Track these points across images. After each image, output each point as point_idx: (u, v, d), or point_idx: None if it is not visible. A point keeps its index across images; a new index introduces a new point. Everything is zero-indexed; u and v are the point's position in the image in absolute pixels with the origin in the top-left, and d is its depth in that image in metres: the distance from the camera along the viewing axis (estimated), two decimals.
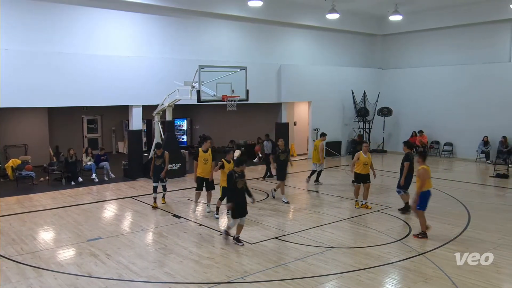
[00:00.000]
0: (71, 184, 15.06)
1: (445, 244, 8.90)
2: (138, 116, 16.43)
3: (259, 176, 16.44)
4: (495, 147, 19.24)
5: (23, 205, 12.40)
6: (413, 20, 21.76)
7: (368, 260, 8.05)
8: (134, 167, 16.33)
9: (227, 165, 10.53)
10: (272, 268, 7.72)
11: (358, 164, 11.70)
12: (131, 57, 15.88)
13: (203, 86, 13.62)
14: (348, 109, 22.47)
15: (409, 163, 11.06)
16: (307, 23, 20.58)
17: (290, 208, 12.04)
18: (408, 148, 11.64)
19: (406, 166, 11.05)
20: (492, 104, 19.64)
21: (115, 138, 23.56)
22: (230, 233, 9.05)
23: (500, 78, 19.51)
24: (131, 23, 16.09)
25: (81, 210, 11.85)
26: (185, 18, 17.24)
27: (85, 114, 22.23)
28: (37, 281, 7.27)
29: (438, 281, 7.17)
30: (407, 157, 11.17)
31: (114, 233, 9.79)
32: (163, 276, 7.47)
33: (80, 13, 14.94)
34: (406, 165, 11.04)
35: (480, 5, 19.58)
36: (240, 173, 8.89)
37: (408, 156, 11.21)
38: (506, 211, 11.56)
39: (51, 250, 8.74)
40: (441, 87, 21.48)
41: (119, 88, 15.51)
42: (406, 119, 22.77)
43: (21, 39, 13.86)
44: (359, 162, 11.65)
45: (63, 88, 14.38)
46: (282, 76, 19.92)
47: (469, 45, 20.81)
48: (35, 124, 19.02)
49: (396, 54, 23.84)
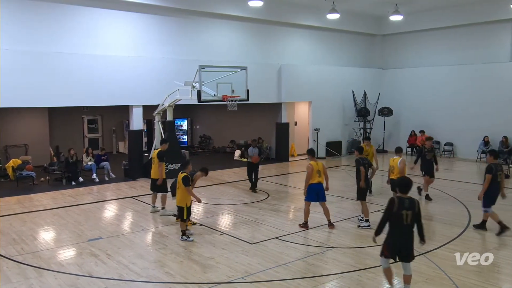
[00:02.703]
0: (72, 184, 15.06)
1: (446, 244, 8.90)
2: (139, 116, 16.44)
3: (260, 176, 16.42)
4: (495, 147, 19.21)
5: (23, 205, 12.40)
6: (414, 20, 21.75)
7: (368, 260, 8.05)
8: (134, 167, 16.33)
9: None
10: (272, 268, 7.72)
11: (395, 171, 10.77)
12: (132, 57, 15.88)
13: (204, 86, 13.62)
14: (348, 109, 22.47)
15: (491, 176, 9.40)
16: (308, 23, 20.59)
17: (291, 208, 12.04)
18: (493, 157, 9.83)
19: (488, 178, 9.41)
20: (493, 104, 19.63)
21: (115, 138, 23.57)
22: None
23: (500, 78, 19.50)
24: (131, 23, 16.10)
25: (81, 210, 11.85)
26: (185, 18, 17.25)
27: (85, 114, 22.23)
28: (38, 281, 7.28)
29: (438, 281, 7.18)
30: (489, 168, 9.47)
31: (115, 233, 9.80)
32: (163, 276, 7.47)
33: (80, 13, 14.94)
34: (488, 177, 9.40)
35: (480, 5, 19.57)
36: (191, 173, 9.40)
37: (490, 167, 9.48)
38: (507, 211, 11.55)
39: (51, 250, 8.75)
40: (441, 87, 21.47)
41: (119, 88, 15.52)
42: (407, 119, 22.76)
43: (21, 39, 13.86)
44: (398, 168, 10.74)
45: (63, 88, 14.38)
46: (282, 76, 19.92)
47: (469, 45, 20.79)
48: (35, 124, 19.02)
49: (396, 54, 23.83)
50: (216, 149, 24.75)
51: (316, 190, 9.92)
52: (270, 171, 17.82)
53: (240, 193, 13.72)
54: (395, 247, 6.36)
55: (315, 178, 9.89)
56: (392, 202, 6.31)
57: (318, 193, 9.94)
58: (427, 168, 12.72)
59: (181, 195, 9.23)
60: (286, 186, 14.99)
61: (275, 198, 13.19)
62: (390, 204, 6.33)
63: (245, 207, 12.09)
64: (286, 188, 14.71)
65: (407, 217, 6.22)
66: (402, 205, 6.23)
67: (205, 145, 25.16)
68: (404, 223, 6.22)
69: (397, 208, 6.22)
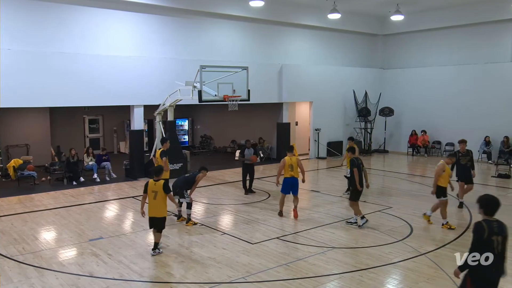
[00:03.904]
0: (73, 184, 15.07)
1: (447, 244, 8.90)
2: (140, 116, 16.44)
3: (261, 176, 16.45)
4: (496, 147, 19.20)
5: (24, 205, 12.42)
6: (415, 20, 21.74)
7: (369, 260, 8.05)
8: (135, 167, 16.35)
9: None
10: (273, 268, 7.72)
11: (443, 177, 10.15)
12: (133, 57, 15.88)
13: (205, 86, 13.62)
14: (349, 109, 22.46)
15: None
16: (309, 23, 20.58)
17: (291, 208, 12.02)
18: None
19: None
20: (494, 104, 19.61)
21: (116, 138, 23.59)
22: None
23: (501, 78, 19.47)
24: (132, 23, 16.11)
25: (82, 210, 11.86)
26: (186, 18, 17.25)
27: (86, 114, 22.25)
28: (39, 280, 7.28)
29: (439, 281, 7.17)
30: None
31: (116, 233, 9.80)
32: (164, 276, 7.48)
33: (82, 13, 14.95)
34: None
35: (482, 5, 19.55)
36: (192, 174, 9.83)
37: None
38: (508, 211, 11.54)
39: (52, 250, 8.76)
40: (442, 87, 21.45)
41: (120, 88, 15.52)
42: (408, 119, 22.75)
43: (22, 39, 13.87)
44: (445, 174, 10.14)
45: (64, 88, 14.39)
46: (283, 76, 19.91)
47: (470, 45, 20.77)
48: (36, 124, 19.05)
49: (397, 54, 23.82)
50: (217, 149, 24.75)
51: (289, 184, 10.81)
52: (271, 171, 17.81)
53: (241, 193, 13.72)
54: (484, 282, 5.13)
55: (287, 172, 10.74)
56: (481, 228, 5.07)
57: (292, 186, 10.81)
58: (463, 174, 12.00)
59: (162, 203, 8.32)
60: None
61: (276, 198, 13.13)
62: (478, 230, 5.08)
63: (246, 207, 12.09)
64: None
65: (497, 244, 5.05)
66: (491, 230, 5.05)
67: (206, 145, 25.17)
68: (495, 252, 5.03)
69: (488, 234, 5.04)
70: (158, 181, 8.32)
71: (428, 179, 16.11)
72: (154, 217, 8.31)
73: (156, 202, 8.24)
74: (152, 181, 8.34)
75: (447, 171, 10.15)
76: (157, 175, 8.44)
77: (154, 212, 8.29)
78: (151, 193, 8.26)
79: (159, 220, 8.34)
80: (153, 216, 8.31)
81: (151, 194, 8.27)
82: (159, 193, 8.22)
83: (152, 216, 8.33)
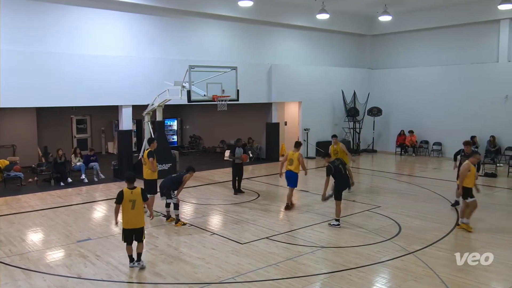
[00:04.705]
0: (60, 185, 14.93)
1: (435, 243, 8.97)
2: (128, 116, 16.33)
3: (250, 176, 16.45)
4: (483, 147, 19.42)
5: (11, 206, 12.26)
6: (403, 20, 21.91)
7: (358, 260, 8.09)
8: (124, 168, 16.20)
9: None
10: (263, 268, 7.72)
11: (469, 177, 9.70)
12: (121, 57, 15.78)
13: (194, 86, 13.59)
14: (338, 109, 22.56)
15: None
16: (298, 23, 20.64)
17: (281, 208, 12.05)
18: None
19: None
20: (481, 104, 19.83)
21: (104, 139, 23.41)
22: None
23: (488, 79, 19.70)
24: (121, 22, 16.00)
25: (70, 211, 11.75)
26: (175, 18, 17.19)
27: (74, 114, 22.05)
28: (26, 283, 7.20)
29: (428, 279, 7.23)
30: None
31: (104, 234, 9.73)
32: (153, 277, 7.44)
33: (69, 12, 14.82)
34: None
35: (469, 6, 19.76)
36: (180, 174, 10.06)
37: None
38: (494, 210, 11.69)
39: (40, 252, 8.67)
40: (430, 87, 21.64)
41: (108, 88, 15.40)
42: (396, 119, 22.92)
43: (9, 38, 13.67)
44: (470, 174, 9.70)
45: (52, 88, 14.24)
46: (272, 76, 19.93)
47: (457, 45, 20.99)
48: (23, 125, 18.82)
49: (385, 54, 23.99)
50: (206, 149, 24.70)
51: (286, 176, 11.70)
52: (260, 171, 17.83)
53: (230, 193, 13.70)
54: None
55: (286, 166, 11.62)
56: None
57: (288, 179, 11.62)
58: None
59: (142, 212, 7.74)
60: (276, 186, 15.00)
61: (265, 198, 13.20)
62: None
63: (235, 207, 12.08)
64: (276, 188, 14.72)
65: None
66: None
67: (195, 145, 25.08)
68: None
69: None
70: (135, 189, 7.64)
71: (416, 178, 16.28)
72: (134, 228, 7.61)
73: (135, 211, 7.57)
74: (128, 190, 7.61)
75: (473, 170, 9.69)
76: (132, 183, 7.70)
77: (134, 223, 7.60)
78: (128, 202, 7.54)
79: (140, 230, 7.67)
80: (133, 227, 7.60)
81: (128, 204, 7.54)
82: (138, 202, 7.58)
83: (131, 228, 7.59)
